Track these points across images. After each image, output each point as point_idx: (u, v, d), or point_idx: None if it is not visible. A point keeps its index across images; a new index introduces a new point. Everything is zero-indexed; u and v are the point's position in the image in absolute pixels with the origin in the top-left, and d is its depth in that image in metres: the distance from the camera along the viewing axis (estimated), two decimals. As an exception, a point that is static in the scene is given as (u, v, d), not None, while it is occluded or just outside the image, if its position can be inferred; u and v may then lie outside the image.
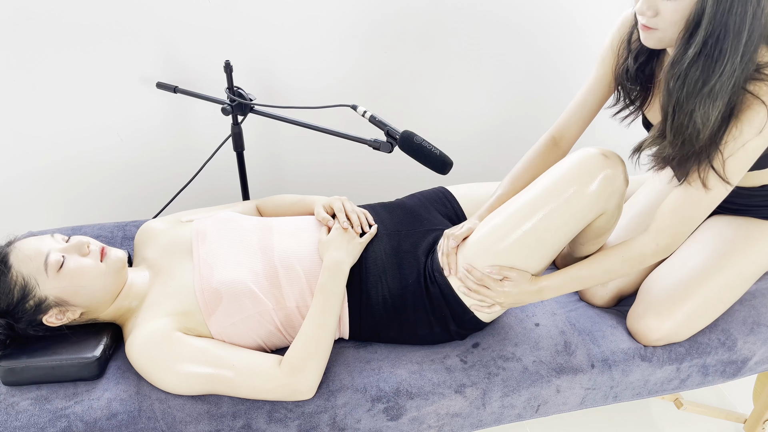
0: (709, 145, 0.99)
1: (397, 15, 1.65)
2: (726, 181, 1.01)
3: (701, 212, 1.05)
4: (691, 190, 1.04)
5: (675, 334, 1.19)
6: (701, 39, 0.91)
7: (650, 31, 0.98)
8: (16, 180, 1.64)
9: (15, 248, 1.03)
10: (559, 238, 1.07)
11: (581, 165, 1.05)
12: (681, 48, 0.94)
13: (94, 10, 1.44)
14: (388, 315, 1.14)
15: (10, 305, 1.01)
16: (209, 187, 1.77)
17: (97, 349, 1.05)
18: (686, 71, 0.94)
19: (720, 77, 0.93)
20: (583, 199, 1.04)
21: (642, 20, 0.97)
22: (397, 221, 1.25)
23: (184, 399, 1.02)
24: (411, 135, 1.20)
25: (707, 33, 0.90)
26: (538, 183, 1.09)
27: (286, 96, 1.70)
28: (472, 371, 1.13)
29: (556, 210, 1.04)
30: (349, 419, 1.06)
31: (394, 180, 1.95)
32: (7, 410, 0.99)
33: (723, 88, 0.93)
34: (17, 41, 1.44)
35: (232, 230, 1.18)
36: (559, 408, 1.20)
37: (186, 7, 1.49)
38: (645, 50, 1.10)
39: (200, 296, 1.07)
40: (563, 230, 1.06)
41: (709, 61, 0.92)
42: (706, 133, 0.97)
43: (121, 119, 1.62)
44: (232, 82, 1.37)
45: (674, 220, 1.05)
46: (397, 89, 1.79)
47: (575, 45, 1.86)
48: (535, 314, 1.24)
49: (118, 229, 1.41)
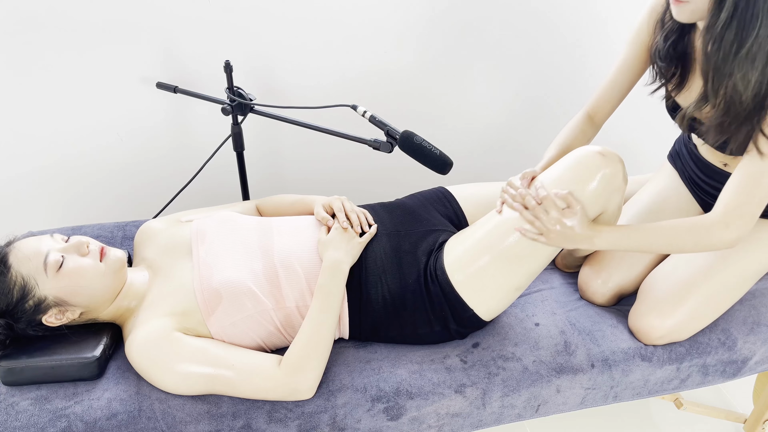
0: (759, 110, 0.99)
1: (396, 15, 1.65)
2: None
3: (765, 183, 1.02)
4: (747, 164, 1.03)
5: (677, 332, 1.19)
6: (732, 2, 0.92)
7: (682, 5, 0.99)
8: (16, 180, 1.64)
9: (14, 248, 1.03)
10: (559, 237, 1.07)
11: (581, 164, 1.05)
12: (714, 12, 0.95)
13: (94, 10, 1.44)
14: (387, 315, 1.14)
15: (10, 305, 1.01)
16: (209, 187, 1.77)
17: (97, 349, 1.05)
18: (721, 34, 0.95)
19: (755, 39, 0.93)
20: (582, 198, 1.04)
21: None
22: (396, 221, 1.25)
23: (184, 399, 1.02)
24: (411, 135, 1.20)
25: None
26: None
27: (286, 96, 1.70)
28: (472, 371, 1.13)
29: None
30: (349, 419, 1.06)
31: (394, 180, 1.95)
32: (7, 410, 0.99)
33: (761, 49, 0.94)
34: (17, 41, 1.44)
35: (231, 230, 1.18)
36: (559, 408, 1.20)
37: (186, 7, 1.49)
38: (676, 28, 1.11)
39: (200, 296, 1.07)
40: (563, 230, 1.06)
41: (742, 23, 0.93)
42: (749, 94, 0.97)
43: (121, 119, 1.62)
44: (232, 82, 1.37)
45: (740, 199, 1.03)
46: (398, 89, 1.79)
47: (576, 45, 1.86)
48: (535, 314, 1.24)
49: (117, 229, 1.41)
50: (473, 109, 1.91)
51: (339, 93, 1.73)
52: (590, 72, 1.92)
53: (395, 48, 1.71)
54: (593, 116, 1.29)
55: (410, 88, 1.80)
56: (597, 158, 1.04)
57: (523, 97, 1.93)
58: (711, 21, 0.96)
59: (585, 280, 1.31)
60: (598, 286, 1.29)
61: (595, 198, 1.04)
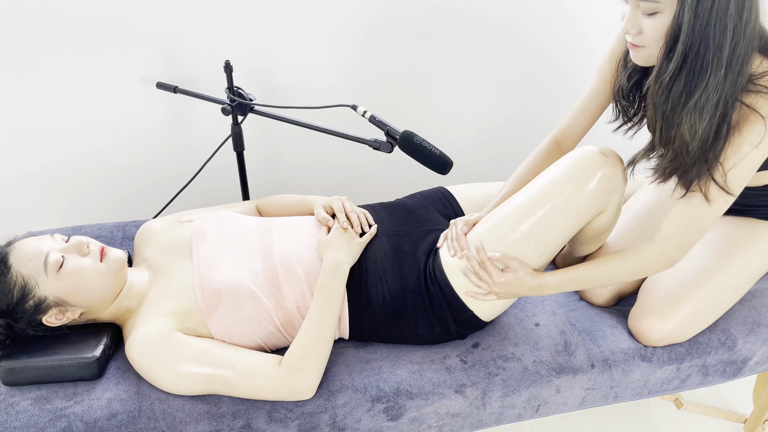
0: (707, 158, 0.98)
1: (397, 15, 1.65)
2: (728, 192, 1.00)
3: (705, 224, 1.03)
4: (693, 203, 1.02)
5: (677, 334, 1.19)
6: (681, 53, 0.91)
7: (637, 49, 0.98)
8: (17, 180, 1.64)
9: (15, 248, 1.03)
10: (558, 236, 1.07)
11: (580, 163, 1.05)
12: (662, 62, 0.94)
13: (94, 10, 1.44)
14: (387, 315, 1.14)
15: (10, 305, 1.01)
16: (209, 187, 1.77)
17: (97, 349, 1.05)
18: (669, 85, 0.94)
19: (704, 90, 0.92)
20: (581, 198, 1.04)
21: (629, 38, 0.98)
22: (397, 221, 1.25)
23: (184, 399, 1.02)
24: (411, 135, 1.20)
25: (686, 47, 0.90)
26: (537, 182, 1.09)
27: (286, 96, 1.70)
28: (472, 371, 1.13)
29: (555, 208, 1.04)
30: (349, 419, 1.06)
31: (394, 180, 1.96)
32: (7, 410, 0.99)
33: (709, 101, 0.93)
34: (17, 41, 1.44)
35: (231, 230, 1.18)
36: (559, 408, 1.20)
37: (186, 7, 1.49)
38: (638, 69, 1.10)
39: (200, 296, 1.07)
40: (562, 229, 1.06)
41: (691, 74, 0.92)
42: (695, 145, 0.96)
43: (121, 119, 1.62)
44: (232, 82, 1.37)
45: (679, 232, 1.04)
46: (397, 89, 1.79)
47: (577, 44, 1.86)
48: (536, 314, 1.24)
49: (118, 229, 1.41)
50: (473, 108, 1.91)
51: (339, 93, 1.73)
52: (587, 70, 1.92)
53: (395, 48, 1.71)
54: (561, 142, 1.26)
55: (410, 88, 1.80)
56: (597, 158, 1.04)
57: (523, 97, 1.93)
58: (660, 71, 0.95)
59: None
60: (597, 288, 1.29)
61: (594, 198, 1.04)
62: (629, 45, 1.00)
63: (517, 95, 1.93)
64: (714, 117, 0.94)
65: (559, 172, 1.06)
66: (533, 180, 1.11)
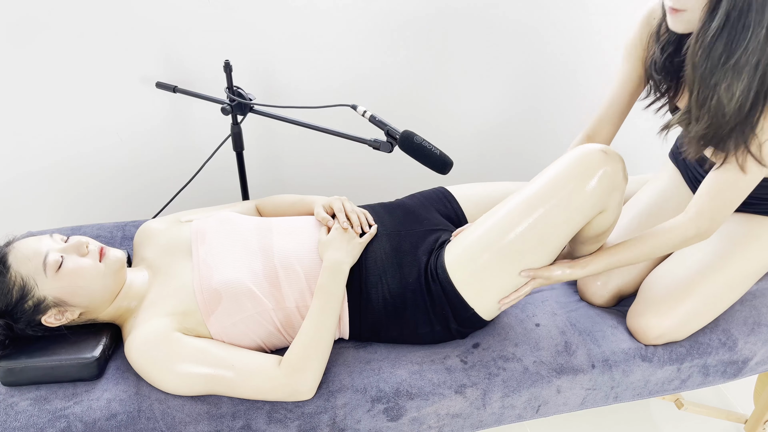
0: (743, 128, 0.99)
1: (397, 15, 1.65)
2: (764, 164, 1.01)
3: (739, 194, 1.05)
4: (728, 173, 1.04)
5: (674, 332, 1.19)
6: (724, 11, 0.91)
7: (678, 14, 0.99)
8: (16, 180, 1.64)
9: (14, 248, 1.03)
10: (560, 235, 1.07)
11: (580, 162, 1.04)
12: (705, 21, 0.95)
13: (94, 10, 1.44)
14: (388, 315, 1.14)
15: (9, 305, 1.01)
16: (209, 187, 1.77)
17: (97, 349, 1.05)
18: (710, 44, 0.95)
19: (744, 51, 0.93)
20: (582, 196, 1.03)
21: (669, 2, 0.98)
22: (397, 221, 1.25)
23: (184, 399, 1.02)
24: (411, 135, 1.19)
25: (730, 5, 0.91)
26: (537, 180, 1.09)
27: (286, 96, 1.69)
28: (473, 371, 1.12)
29: (555, 207, 1.04)
30: (349, 420, 1.05)
31: (394, 180, 1.95)
32: (7, 410, 0.99)
33: (749, 62, 0.93)
34: (17, 41, 1.43)
35: (231, 230, 1.18)
36: (559, 408, 1.20)
37: (185, 7, 1.49)
38: (672, 41, 1.10)
39: (199, 296, 1.07)
40: (563, 228, 1.06)
41: (733, 33, 0.92)
42: (731, 108, 0.97)
43: (121, 119, 1.62)
44: (231, 82, 1.36)
45: (714, 204, 1.06)
46: (398, 89, 1.79)
47: (578, 44, 1.86)
48: (536, 314, 1.24)
49: (117, 229, 1.41)
50: (474, 108, 1.91)
51: (339, 93, 1.73)
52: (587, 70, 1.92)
53: (395, 48, 1.71)
54: (593, 138, 1.26)
55: (410, 87, 1.80)
56: (598, 156, 1.03)
57: (524, 97, 1.93)
58: (702, 30, 0.96)
59: (585, 282, 1.31)
60: (598, 288, 1.29)
61: (595, 196, 1.04)
62: (669, 10, 1.00)
63: (517, 95, 1.93)
64: (753, 80, 0.95)
65: (560, 170, 1.06)
66: (533, 179, 1.11)
